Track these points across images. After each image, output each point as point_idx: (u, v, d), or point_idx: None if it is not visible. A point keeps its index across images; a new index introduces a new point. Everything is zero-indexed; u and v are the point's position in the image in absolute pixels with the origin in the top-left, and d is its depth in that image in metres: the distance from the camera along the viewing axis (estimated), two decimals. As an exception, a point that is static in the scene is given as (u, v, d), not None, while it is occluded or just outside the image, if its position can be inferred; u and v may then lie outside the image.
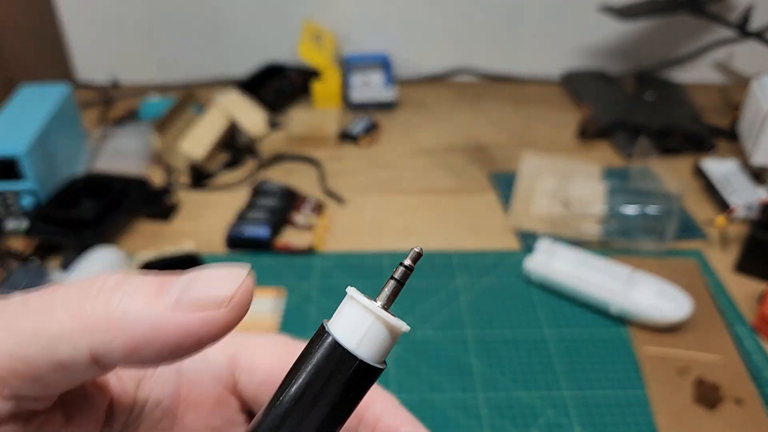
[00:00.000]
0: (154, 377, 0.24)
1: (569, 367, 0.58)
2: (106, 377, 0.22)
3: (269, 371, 0.25)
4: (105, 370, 0.19)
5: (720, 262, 0.70)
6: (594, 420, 0.54)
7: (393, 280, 0.21)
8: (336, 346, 0.20)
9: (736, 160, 0.82)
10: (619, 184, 0.78)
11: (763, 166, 0.78)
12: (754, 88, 0.81)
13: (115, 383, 0.22)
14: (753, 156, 0.78)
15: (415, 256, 0.21)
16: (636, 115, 0.95)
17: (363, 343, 0.20)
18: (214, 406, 0.25)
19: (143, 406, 0.23)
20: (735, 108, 0.94)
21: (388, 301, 0.21)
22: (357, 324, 0.20)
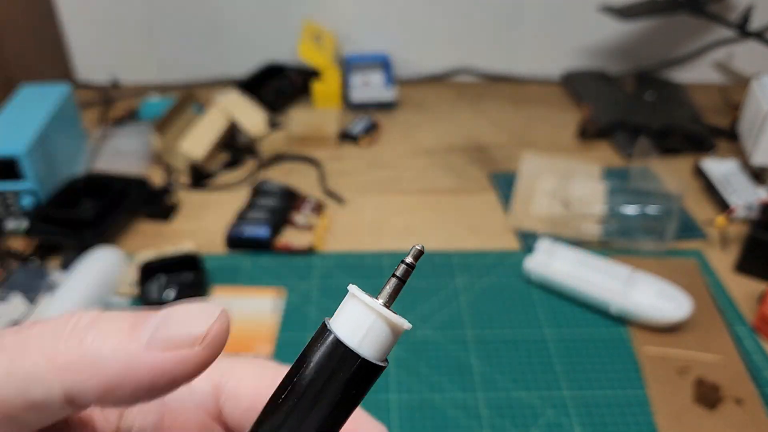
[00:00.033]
0: (137, 407, 0.23)
1: (569, 367, 0.58)
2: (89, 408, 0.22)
3: (254, 398, 0.24)
4: (80, 408, 0.19)
5: (720, 262, 0.70)
6: (594, 420, 0.54)
7: (395, 278, 0.20)
8: (338, 344, 0.20)
9: (736, 160, 0.82)
10: (619, 184, 0.78)
11: (763, 166, 0.78)
12: (754, 88, 0.81)
13: (98, 414, 0.22)
14: (753, 156, 0.78)
15: (417, 254, 0.21)
16: (636, 115, 0.95)
17: (365, 341, 0.20)
18: None
19: None
20: (735, 108, 0.94)
21: (390, 298, 0.20)
22: (359, 322, 0.20)
